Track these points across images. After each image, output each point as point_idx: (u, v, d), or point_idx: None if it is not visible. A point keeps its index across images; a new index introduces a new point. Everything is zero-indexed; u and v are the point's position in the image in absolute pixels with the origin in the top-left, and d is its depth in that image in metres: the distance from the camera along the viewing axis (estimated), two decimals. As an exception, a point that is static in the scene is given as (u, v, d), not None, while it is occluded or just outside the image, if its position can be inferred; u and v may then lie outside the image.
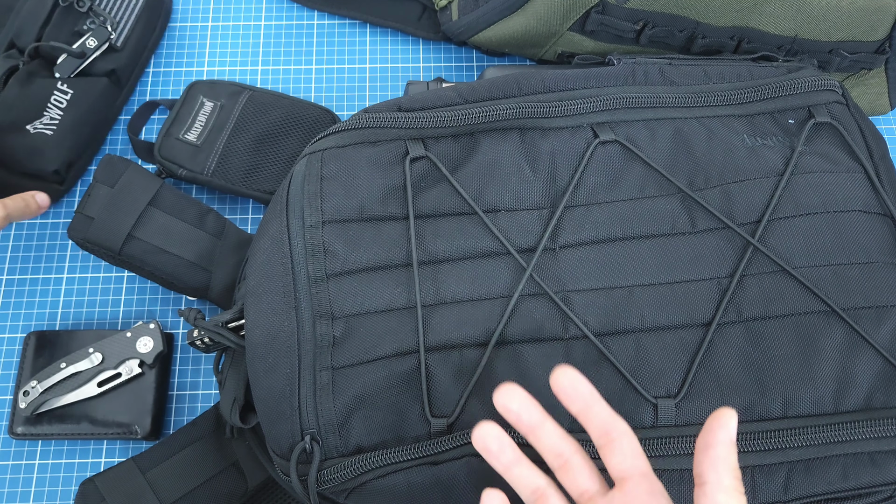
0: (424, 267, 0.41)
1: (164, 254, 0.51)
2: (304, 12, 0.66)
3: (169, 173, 0.57)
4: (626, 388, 0.39)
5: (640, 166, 0.44)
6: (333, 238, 0.41)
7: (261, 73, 0.64)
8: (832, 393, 0.40)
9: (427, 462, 0.38)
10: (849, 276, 0.42)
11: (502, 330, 0.40)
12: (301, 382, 0.39)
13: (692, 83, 0.47)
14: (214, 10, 0.66)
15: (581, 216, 0.43)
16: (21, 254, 0.58)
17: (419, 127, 0.44)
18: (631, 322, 0.41)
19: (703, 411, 0.39)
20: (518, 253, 0.42)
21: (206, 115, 0.58)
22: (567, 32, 0.56)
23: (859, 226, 0.43)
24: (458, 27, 0.60)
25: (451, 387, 0.39)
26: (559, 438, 0.34)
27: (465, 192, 0.43)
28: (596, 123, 0.45)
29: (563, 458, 0.34)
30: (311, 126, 0.59)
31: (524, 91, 0.46)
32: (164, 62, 0.64)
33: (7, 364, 0.55)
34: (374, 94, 0.63)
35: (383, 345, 0.40)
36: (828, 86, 0.47)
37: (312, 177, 0.43)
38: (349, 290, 0.41)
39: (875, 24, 0.51)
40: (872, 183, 0.44)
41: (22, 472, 0.52)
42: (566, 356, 0.40)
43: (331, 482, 0.38)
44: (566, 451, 0.34)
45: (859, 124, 0.47)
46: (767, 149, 0.45)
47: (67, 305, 0.56)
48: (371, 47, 0.65)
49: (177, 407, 0.54)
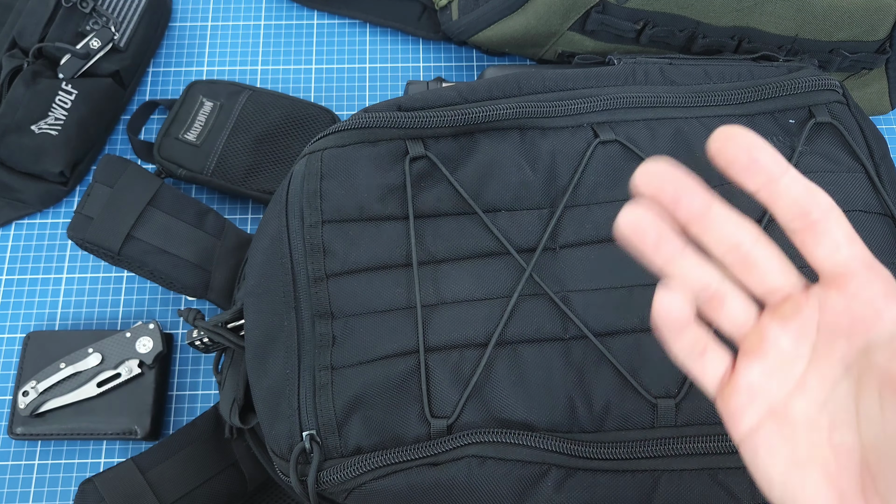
0: (424, 267, 0.41)
1: (163, 254, 0.51)
2: (304, 12, 0.66)
3: (168, 173, 0.57)
4: (625, 388, 0.39)
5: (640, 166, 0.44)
6: (333, 238, 0.41)
7: (261, 73, 0.64)
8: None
9: (427, 463, 0.38)
10: (849, 276, 0.42)
11: (502, 330, 0.40)
12: (300, 382, 0.39)
13: (692, 83, 0.47)
14: (214, 10, 0.66)
15: (581, 216, 0.43)
16: (21, 254, 0.58)
17: (419, 126, 0.44)
18: (631, 322, 0.40)
19: (703, 411, 0.39)
20: (518, 253, 0.42)
21: (205, 114, 0.58)
22: (567, 32, 0.55)
23: (860, 226, 0.43)
24: (458, 27, 0.60)
25: (451, 387, 0.39)
26: (734, 224, 0.26)
27: (465, 191, 0.43)
28: (596, 123, 0.45)
29: (742, 250, 0.26)
30: (311, 126, 0.59)
31: (524, 91, 0.46)
32: (163, 62, 0.64)
33: (7, 364, 0.54)
34: (374, 94, 0.63)
35: (383, 345, 0.40)
36: (828, 85, 0.47)
37: (312, 176, 0.43)
38: (349, 289, 0.40)
39: (876, 23, 0.51)
40: (873, 183, 0.44)
41: (21, 473, 0.52)
42: (566, 356, 0.40)
43: (330, 482, 0.38)
44: (746, 241, 0.26)
45: (860, 124, 0.47)
46: (768, 148, 0.45)
47: (67, 305, 0.56)
48: (371, 47, 0.65)
49: (176, 407, 0.54)
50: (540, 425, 0.38)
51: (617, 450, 0.38)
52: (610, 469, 0.38)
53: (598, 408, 0.39)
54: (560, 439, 0.38)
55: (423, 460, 0.38)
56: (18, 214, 0.58)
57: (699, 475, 0.38)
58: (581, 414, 0.39)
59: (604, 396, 0.39)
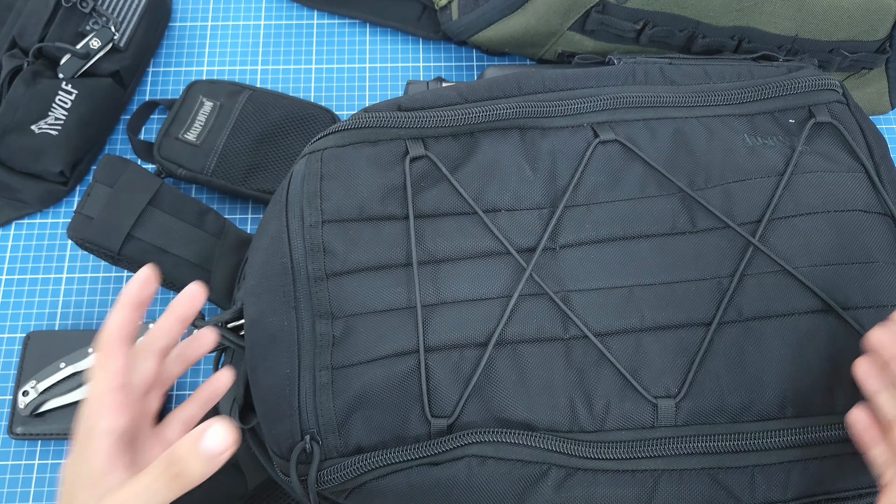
0: (424, 267, 0.41)
1: (163, 254, 0.51)
2: (304, 12, 0.66)
3: (168, 173, 0.57)
4: (626, 387, 0.39)
5: (640, 166, 0.44)
6: (333, 237, 0.41)
7: (261, 73, 0.64)
8: (832, 392, 0.40)
9: (427, 462, 0.38)
10: (849, 275, 0.42)
11: (502, 330, 0.40)
12: (301, 382, 0.39)
13: (692, 83, 0.47)
14: (214, 10, 0.66)
15: (581, 216, 0.43)
16: (21, 254, 0.58)
17: (419, 126, 0.44)
18: (631, 322, 0.40)
19: (703, 411, 0.39)
20: (518, 253, 0.42)
21: (205, 114, 0.58)
22: (567, 32, 0.55)
23: (860, 226, 0.43)
24: (458, 27, 0.60)
25: (451, 387, 0.39)
26: None
27: (465, 191, 0.43)
28: (596, 123, 0.45)
29: None
30: (311, 126, 0.59)
31: (524, 91, 0.46)
32: (163, 62, 0.64)
33: (7, 364, 0.54)
34: (374, 94, 0.63)
35: (383, 345, 0.40)
36: (828, 85, 0.47)
37: (312, 176, 0.43)
38: (349, 289, 0.40)
39: (875, 23, 0.51)
40: (873, 182, 0.44)
41: (21, 472, 0.52)
42: (566, 356, 0.40)
43: (331, 482, 0.38)
44: None
45: (860, 124, 0.47)
46: (768, 148, 0.45)
47: (67, 305, 0.56)
48: (371, 47, 0.65)
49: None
50: (540, 425, 0.39)
51: (617, 450, 0.38)
52: (610, 469, 0.38)
53: (598, 408, 0.39)
54: (560, 439, 0.38)
55: (423, 460, 0.38)
56: (18, 214, 0.58)
57: (699, 475, 0.38)
58: (581, 414, 0.39)
59: (604, 396, 0.39)
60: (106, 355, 0.34)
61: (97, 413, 0.33)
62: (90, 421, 0.33)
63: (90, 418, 0.33)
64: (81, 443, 0.33)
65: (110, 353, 0.34)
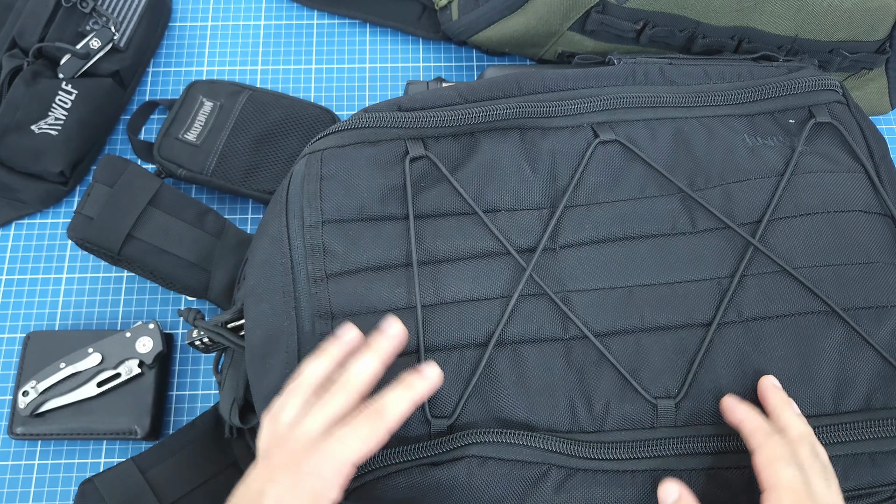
0: (424, 267, 0.41)
1: (163, 254, 0.51)
2: (304, 12, 0.66)
3: (168, 173, 0.57)
4: (625, 388, 0.39)
5: (640, 166, 0.44)
6: (333, 238, 0.41)
7: (261, 73, 0.64)
8: (832, 393, 0.40)
9: (427, 463, 0.38)
10: (849, 276, 0.42)
11: (502, 330, 0.40)
12: (301, 382, 0.39)
13: (692, 83, 0.47)
14: (214, 10, 0.66)
15: (581, 216, 0.43)
16: (21, 254, 0.58)
17: (419, 127, 0.44)
18: (631, 322, 0.40)
19: (703, 411, 0.39)
20: (518, 253, 0.42)
21: (205, 114, 0.58)
22: (567, 32, 0.55)
23: (860, 226, 0.43)
24: (458, 27, 0.60)
25: (451, 387, 0.39)
26: None
27: (465, 191, 0.43)
28: (596, 123, 0.45)
29: None
30: (311, 126, 0.59)
31: (524, 91, 0.46)
32: (163, 62, 0.64)
33: (7, 364, 0.54)
34: (374, 94, 0.63)
35: (383, 345, 0.40)
36: (828, 86, 0.47)
37: (312, 176, 0.42)
38: (349, 289, 0.40)
39: (875, 23, 0.51)
40: (873, 183, 0.44)
41: (21, 473, 0.52)
42: (566, 356, 0.40)
43: (330, 482, 0.38)
44: None
45: (860, 124, 0.47)
46: (768, 149, 0.45)
47: (67, 305, 0.56)
48: (371, 47, 0.65)
49: (176, 407, 0.54)
50: (540, 425, 0.39)
51: (617, 450, 0.38)
52: (610, 469, 0.38)
53: (598, 408, 0.39)
54: (560, 439, 0.38)
55: (423, 460, 0.38)
56: (18, 214, 0.58)
57: (699, 475, 0.38)
58: (581, 414, 0.39)
59: (604, 397, 0.39)
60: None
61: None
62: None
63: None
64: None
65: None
